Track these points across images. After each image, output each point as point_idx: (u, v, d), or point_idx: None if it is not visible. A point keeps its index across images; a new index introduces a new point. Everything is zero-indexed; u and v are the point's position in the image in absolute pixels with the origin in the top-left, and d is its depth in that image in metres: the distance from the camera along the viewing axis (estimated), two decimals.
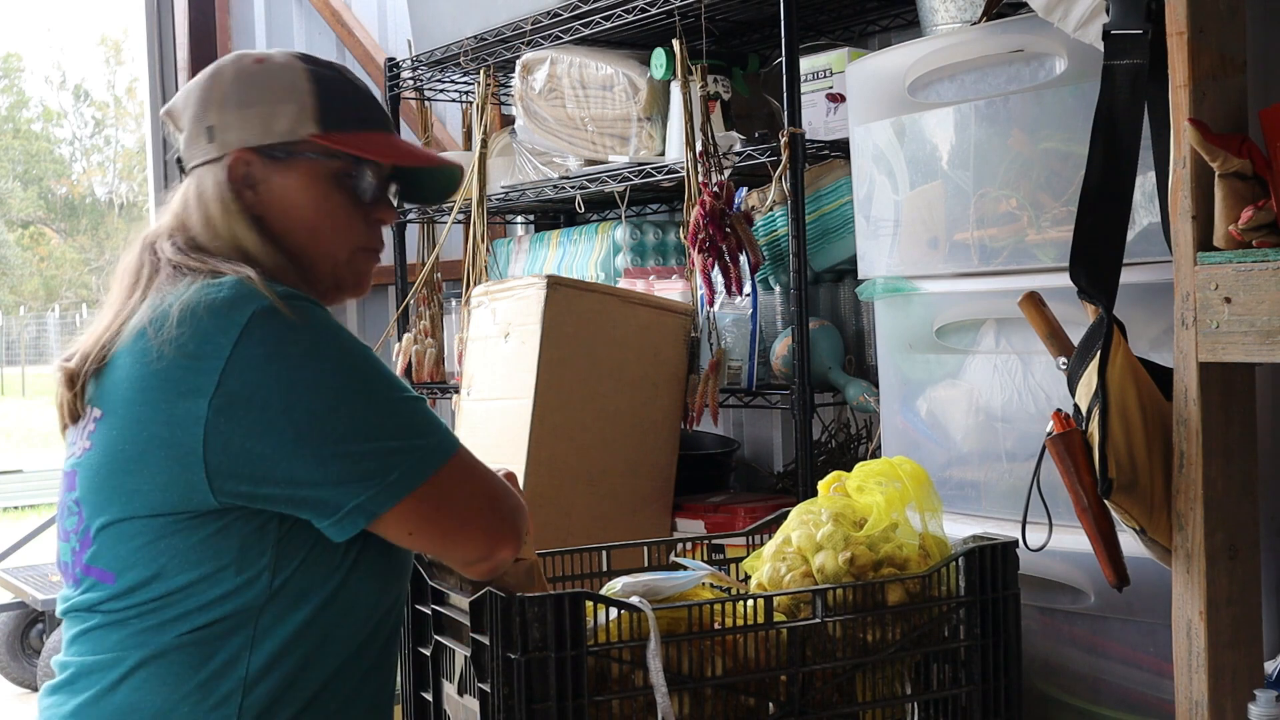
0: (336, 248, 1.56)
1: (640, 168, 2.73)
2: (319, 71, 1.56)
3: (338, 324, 1.46)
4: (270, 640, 1.42)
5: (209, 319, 1.39)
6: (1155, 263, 1.62)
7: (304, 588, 1.44)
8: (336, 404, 1.40)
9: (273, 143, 1.52)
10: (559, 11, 2.86)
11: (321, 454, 1.39)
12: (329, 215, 1.55)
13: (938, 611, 1.63)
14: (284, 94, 1.54)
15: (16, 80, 19.17)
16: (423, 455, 1.43)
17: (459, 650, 1.57)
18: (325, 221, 1.55)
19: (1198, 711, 1.47)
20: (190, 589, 1.42)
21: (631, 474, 2.57)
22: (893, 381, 2.13)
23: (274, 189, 1.53)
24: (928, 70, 1.95)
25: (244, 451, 1.38)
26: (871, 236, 2.12)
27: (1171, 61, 1.44)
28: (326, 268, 1.56)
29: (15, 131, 14.87)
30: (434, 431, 1.46)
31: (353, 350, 1.45)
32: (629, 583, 1.56)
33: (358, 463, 1.40)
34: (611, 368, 2.54)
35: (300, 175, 1.53)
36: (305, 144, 1.53)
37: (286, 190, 1.53)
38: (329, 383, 1.41)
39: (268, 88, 1.54)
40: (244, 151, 1.52)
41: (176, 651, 1.42)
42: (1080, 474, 1.50)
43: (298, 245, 1.54)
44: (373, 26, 4.46)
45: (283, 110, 1.53)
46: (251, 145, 1.52)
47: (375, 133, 1.57)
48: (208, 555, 1.42)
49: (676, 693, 1.49)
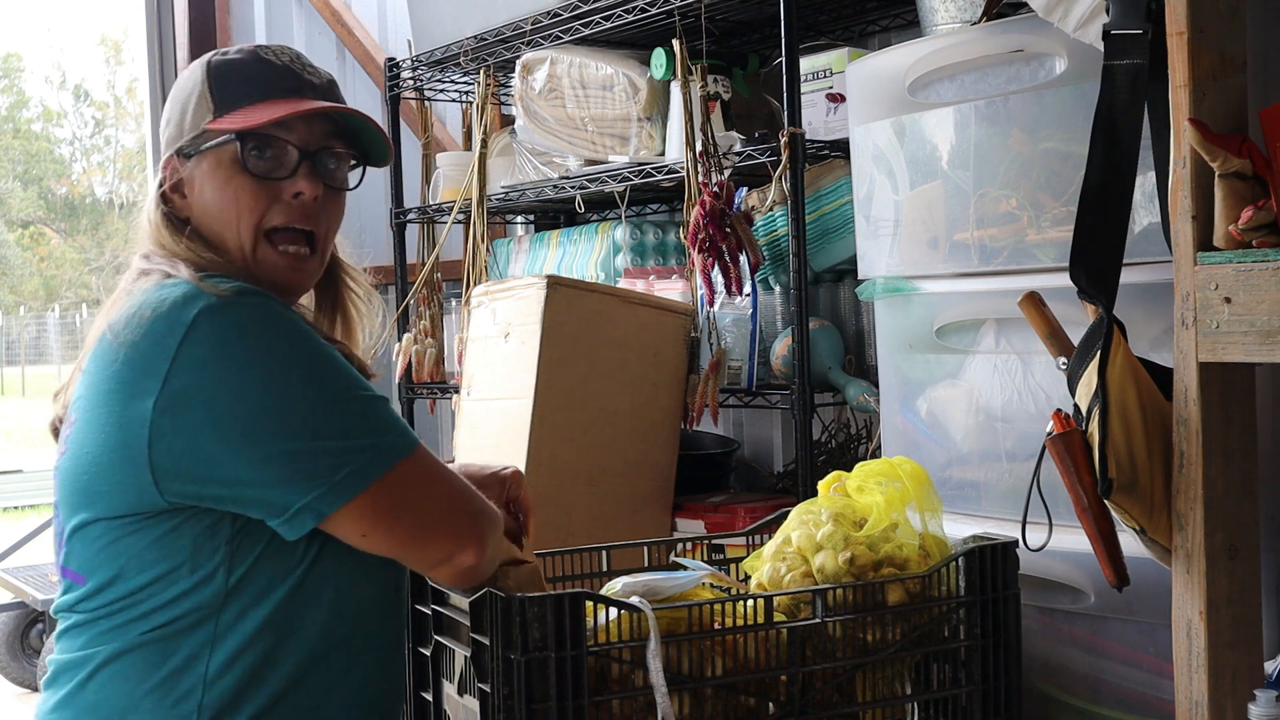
0: (242, 233, 1.51)
1: (640, 168, 2.73)
2: (222, 59, 1.55)
3: (293, 319, 1.44)
4: (231, 637, 1.42)
5: (157, 320, 1.39)
6: (1155, 263, 1.61)
7: (262, 585, 1.43)
8: (282, 402, 1.38)
9: (183, 142, 1.53)
10: (559, 11, 2.86)
11: (266, 453, 1.37)
12: (231, 200, 1.51)
13: (938, 611, 1.63)
14: (188, 92, 1.54)
15: (16, 80, 19.18)
16: (373, 455, 1.40)
17: (459, 650, 1.57)
18: (229, 208, 1.51)
19: (1198, 711, 1.47)
20: (149, 589, 1.43)
21: (631, 474, 2.57)
22: (893, 381, 2.13)
23: (193, 187, 1.53)
24: (928, 70, 1.95)
25: (189, 451, 1.38)
26: (871, 236, 2.12)
27: (1171, 61, 1.44)
28: (238, 256, 1.52)
29: (15, 131, 14.88)
30: (387, 430, 1.43)
31: (304, 347, 1.42)
32: (629, 583, 1.56)
33: (303, 462, 1.38)
34: (611, 368, 2.54)
35: (206, 166, 1.52)
36: (204, 134, 1.51)
37: (199, 184, 1.52)
38: (275, 381, 1.38)
39: (179, 92, 1.56)
40: (169, 159, 1.55)
41: (139, 649, 1.43)
42: (1080, 474, 1.50)
43: (214, 237, 1.52)
44: (373, 26, 4.46)
45: (190, 108, 1.53)
46: (173, 150, 1.54)
47: (272, 102, 1.51)
48: (163, 555, 1.43)
49: (676, 693, 1.49)
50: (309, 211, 1.53)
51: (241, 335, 1.38)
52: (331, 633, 1.48)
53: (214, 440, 1.37)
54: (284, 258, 1.53)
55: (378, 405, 1.44)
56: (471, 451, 2.67)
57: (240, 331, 1.39)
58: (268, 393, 1.38)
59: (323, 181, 1.54)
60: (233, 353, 1.38)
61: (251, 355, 1.38)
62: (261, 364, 1.38)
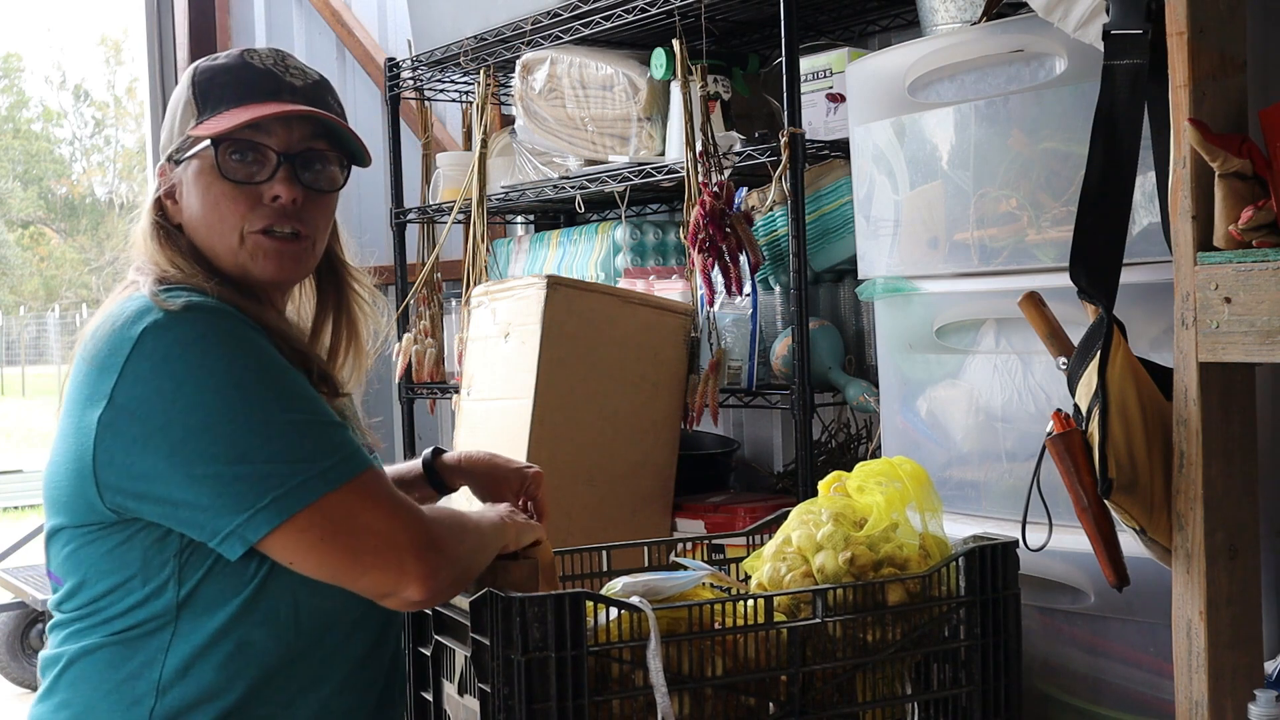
0: (227, 235, 1.51)
1: (640, 168, 2.73)
2: (209, 64, 1.56)
3: (241, 336, 1.41)
4: (183, 647, 1.43)
5: (111, 334, 1.40)
6: (1155, 263, 1.61)
7: (213, 598, 1.42)
8: (214, 422, 1.35)
9: (172, 149, 1.55)
10: (559, 11, 2.86)
11: (194, 474, 1.35)
12: (213, 206, 1.51)
13: (938, 611, 1.63)
14: (177, 98, 1.56)
15: (16, 80, 19.17)
16: (302, 482, 1.36)
17: (459, 650, 1.57)
18: (211, 213, 1.51)
19: (1198, 711, 1.47)
20: (108, 597, 1.44)
21: (631, 474, 2.57)
22: (893, 381, 2.13)
23: (182, 193, 1.55)
24: (928, 70, 1.95)
25: (125, 467, 1.37)
26: (871, 236, 2.12)
27: (1171, 61, 1.44)
28: (229, 259, 1.52)
29: (15, 131, 14.86)
30: (324, 456, 1.38)
31: (245, 365, 1.39)
32: (629, 583, 1.56)
33: (228, 485, 1.35)
34: (611, 368, 2.54)
35: (191, 172, 1.53)
36: (188, 140, 1.53)
37: (186, 190, 1.54)
38: (209, 400, 1.36)
39: (172, 99, 1.58)
40: (163, 166, 1.57)
41: (103, 650, 1.45)
42: (1080, 474, 1.50)
43: (204, 242, 1.53)
44: (373, 26, 4.46)
45: (178, 114, 1.55)
46: (165, 157, 1.56)
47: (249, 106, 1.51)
48: (116, 566, 1.44)
49: (676, 693, 1.49)
50: (289, 214, 1.52)
51: (182, 352, 1.37)
52: (290, 647, 1.46)
53: (146, 458, 1.36)
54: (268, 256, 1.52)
55: (317, 429, 1.40)
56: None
57: (182, 348, 1.37)
58: (196, 412, 1.35)
59: (303, 184, 1.53)
60: (171, 370, 1.36)
61: (188, 373, 1.36)
62: (196, 382, 1.36)
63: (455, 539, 1.45)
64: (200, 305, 1.42)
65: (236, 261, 1.52)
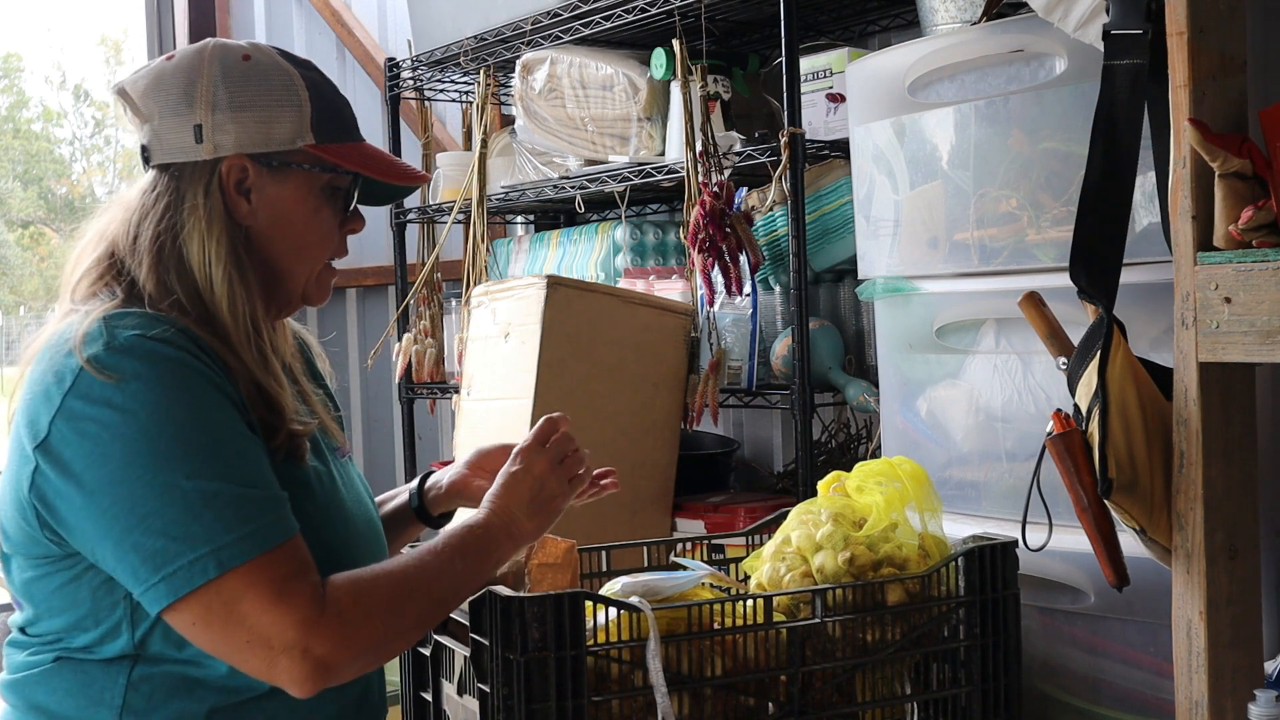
0: (315, 262, 1.52)
1: (640, 168, 2.73)
2: (310, 76, 1.51)
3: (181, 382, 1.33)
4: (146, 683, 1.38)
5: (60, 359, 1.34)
6: (1155, 263, 1.61)
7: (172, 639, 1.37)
8: (121, 479, 1.29)
9: (271, 151, 1.47)
10: (559, 11, 2.86)
11: (101, 530, 1.30)
12: (316, 229, 1.51)
13: (937, 611, 1.63)
14: (281, 98, 1.47)
15: (16, 80, 19.18)
16: (193, 562, 1.28)
17: (459, 650, 1.57)
18: (312, 236, 1.51)
19: (1198, 711, 1.47)
20: (65, 633, 1.40)
21: (631, 474, 2.56)
22: (893, 381, 2.13)
23: (268, 200, 1.48)
24: (928, 70, 1.95)
25: (53, 509, 1.34)
26: (871, 236, 2.12)
27: (1171, 61, 1.44)
28: (299, 282, 1.52)
29: (15, 131, 14.83)
30: (222, 532, 1.29)
31: (170, 418, 1.31)
32: (629, 583, 1.56)
33: (127, 553, 1.30)
34: (611, 368, 2.53)
35: (295, 187, 1.49)
36: (301, 154, 1.48)
37: (281, 202, 1.48)
38: (122, 454, 1.29)
39: (264, 90, 1.47)
40: (240, 158, 1.46)
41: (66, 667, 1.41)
42: (1080, 474, 1.50)
43: (280, 258, 1.50)
44: (373, 26, 4.46)
45: (282, 116, 1.47)
46: (249, 152, 1.46)
47: (359, 143, 1.54)
48: (68, 604, 1.39)
49: (676, 693, 1.49)
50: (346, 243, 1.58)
51: (112, 395, 1.30)
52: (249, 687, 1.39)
53: (66, 504, 1.32)
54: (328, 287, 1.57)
55: (222, 501, 1.30)
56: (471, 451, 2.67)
57: (113, 391, 1.30)
58: (108, 465, 1.29)
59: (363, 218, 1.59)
60: (97, 414, 1.30)
61: (112, 420, 1.30)
62: (115, 432, 1.29)
63: (376, 621, 1.35)
64: (147, 341, 1.34)
65: (302, 287, 1.53)
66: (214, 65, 1.47)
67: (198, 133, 1.44)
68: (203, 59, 1.47)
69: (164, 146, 1.46)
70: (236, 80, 1.46)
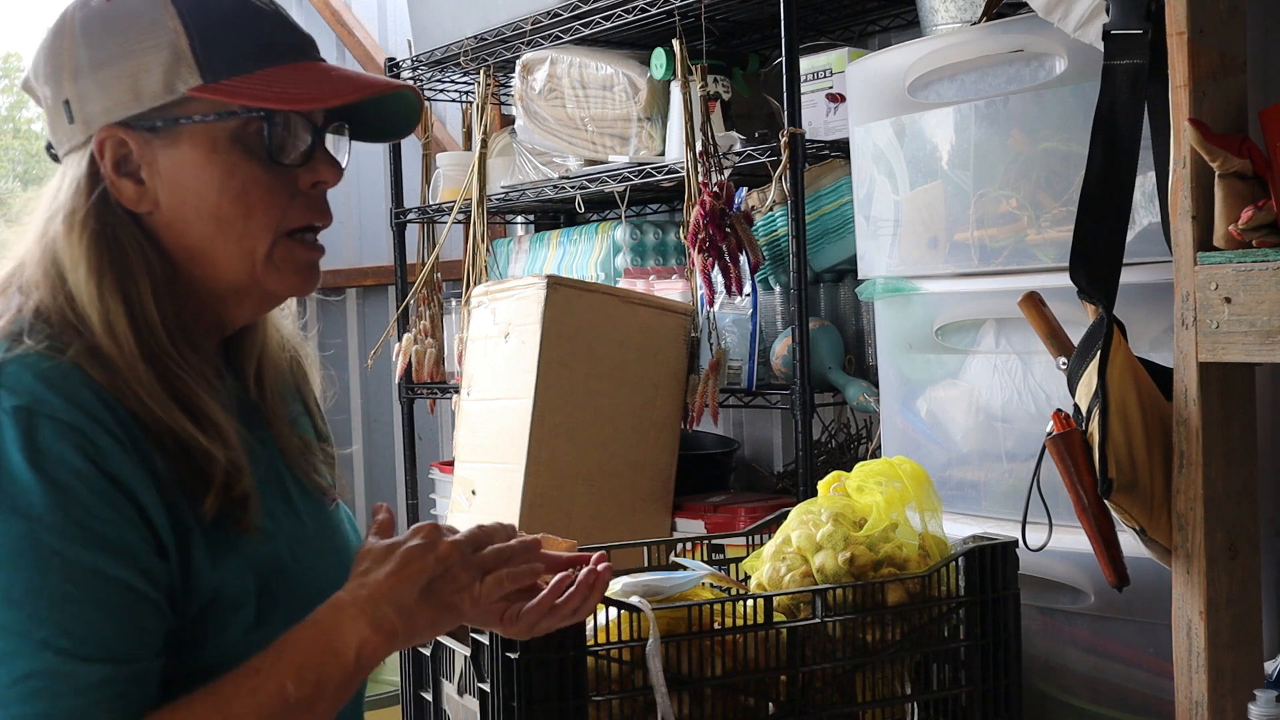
0: (253, 237, 1.15)
1: (640, 168, 2.73)
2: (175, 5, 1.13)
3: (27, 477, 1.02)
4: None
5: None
6: (1155, 263, 1.61)
7: None
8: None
9: (144, 110, 1.13)
10: (559, 11, 2.86)
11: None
12: (238, 195, 1.14)
13: (937, 611, 1.63)
14: (146, 38, 1.12)
15: (17, 80, 19.17)
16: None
17: (459, 650, 1.57)
18: (233, 204, 1.14)
19: (1198, 711, 1.47)
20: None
21: (631, 474, 2.56)
22: (893, 381, 2.13)
23: (163, 173, 1.14)
24: (928, 70, 1.95)
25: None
26: (871, 236, 2.12)
27: (1171, 61, 1.44)
28: (243, 269, 1.17)
29: (15, 131, 14.75)
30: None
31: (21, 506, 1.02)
32: (629, 583, 1.56)
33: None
34: (611, 368, 2.54)
35: (191, 147, 1.13)
36: (191, 104, 1.13)
37: (179, 170, 1.14)
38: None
39: (125, 35, 1.12)
40: (110, 129, 1.13)
41: None
42: (1080, 474, 1.50)
43: (198, 244, 1.16)
44: (373, 26, 4.46)
45: (150, 62, 1.12)
46: (120, 119, 1.13)
47: (283, 66, 1.15)
48: None
49: (676, 693, 1.49)
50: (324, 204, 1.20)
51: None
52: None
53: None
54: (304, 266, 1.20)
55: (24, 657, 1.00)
56: (471, 451, 2.67)
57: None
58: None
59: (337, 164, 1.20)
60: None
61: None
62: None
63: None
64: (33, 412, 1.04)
65: (247, 275, 1.17)
66: (74, 22, 1.15)
67: (68, 109, 1.14)
68: (64, 18, 1.16)
69: (55, 135, 1.18)
70: (96, 32, 1.13)
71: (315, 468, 1.29)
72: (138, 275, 1.14)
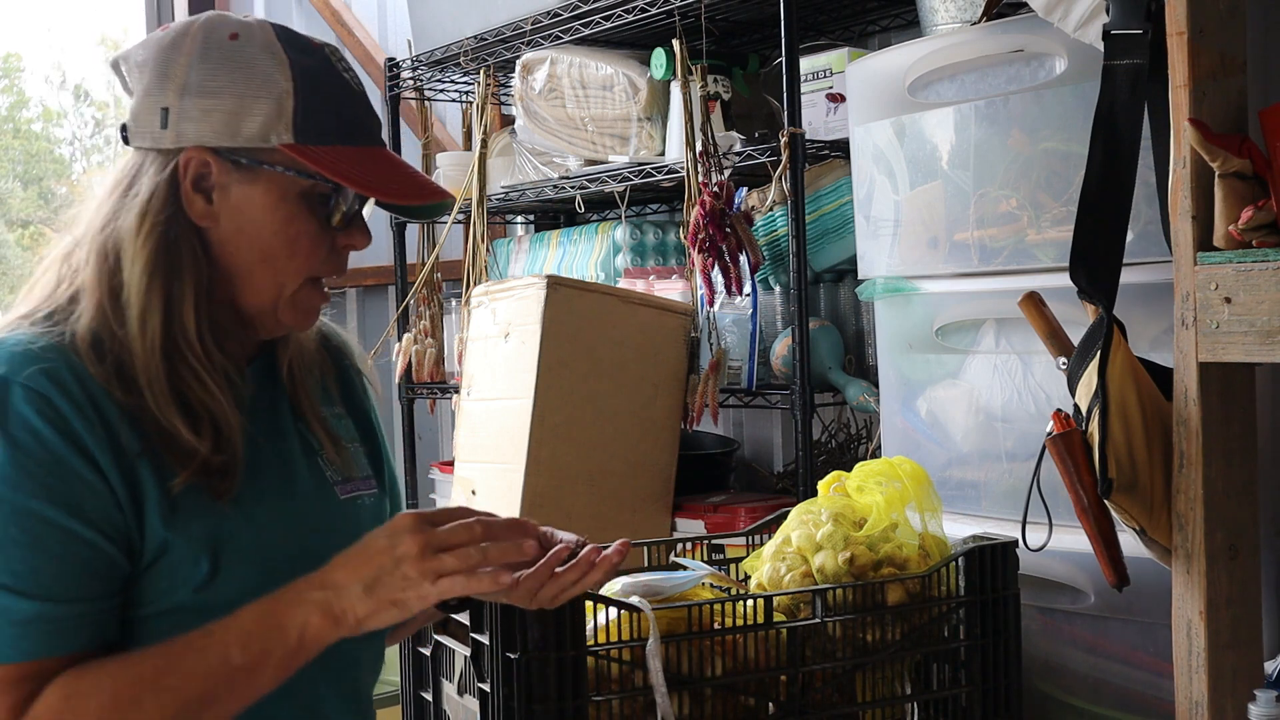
0: (288, 277, 1.32)
1: (640, 168, 2.73)
2: (302, 61, 1.30)
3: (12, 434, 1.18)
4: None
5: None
6: (1155, 263, 1.61)
7: None
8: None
9: (237, 146, 1.28)
10: (559, 11, 2.86)
11: None
12: (289, 241, 1.30)
13: (937, 611, 1.63)
14: (258, 87, 1.27)
15: (16, 80, 19.15)
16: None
17: (459, 650, 1.57)
18: (283, 248, 1.30)
19: (1198, 711, 1.47)
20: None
21: (631, 474, 2.56)
22: (893, 381, 2.13)
23: (232, 201, 1.29)
24: (928, 70, 1.95)
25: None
26: (871, 236, 2.12)
27: (1171, 61, 1.44)
28: (268, 298, 1.33)
29: (15, 131, 14.81)
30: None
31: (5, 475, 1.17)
32: (629, 583, 1.56)
33: None
34: (611, 368, 2.54)
35: (265, 190, 1.29)
36: (276, 154, 1.28)
37: (248, 205, 1.29)
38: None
39: (240, 76, 1.27)
40: (200, 150, 1.28)
41: None
42: (1080, 474, 1.50)
43: (241, 269, 1.31)
44: (373, 26, 4.46)
45: (255, 108, 1.27)
46: (213, 145, 1.28)
47: (360, 147, 1.32)
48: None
49: (676, 693, 1.49)
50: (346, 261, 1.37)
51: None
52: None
53: None
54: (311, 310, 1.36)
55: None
56: (471, 451, 2.67)
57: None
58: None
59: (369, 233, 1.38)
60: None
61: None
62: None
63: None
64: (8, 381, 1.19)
65: (270, 304, 1.33)
66: (195, 41, 1.29)
67: (164, 117, 1.27)
68: (188, 34, 1.30)
69: (138, 127, 1.30)
70: (214, 61, 1.28)
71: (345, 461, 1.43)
72: (186, 278, 1.29)
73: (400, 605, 1.21)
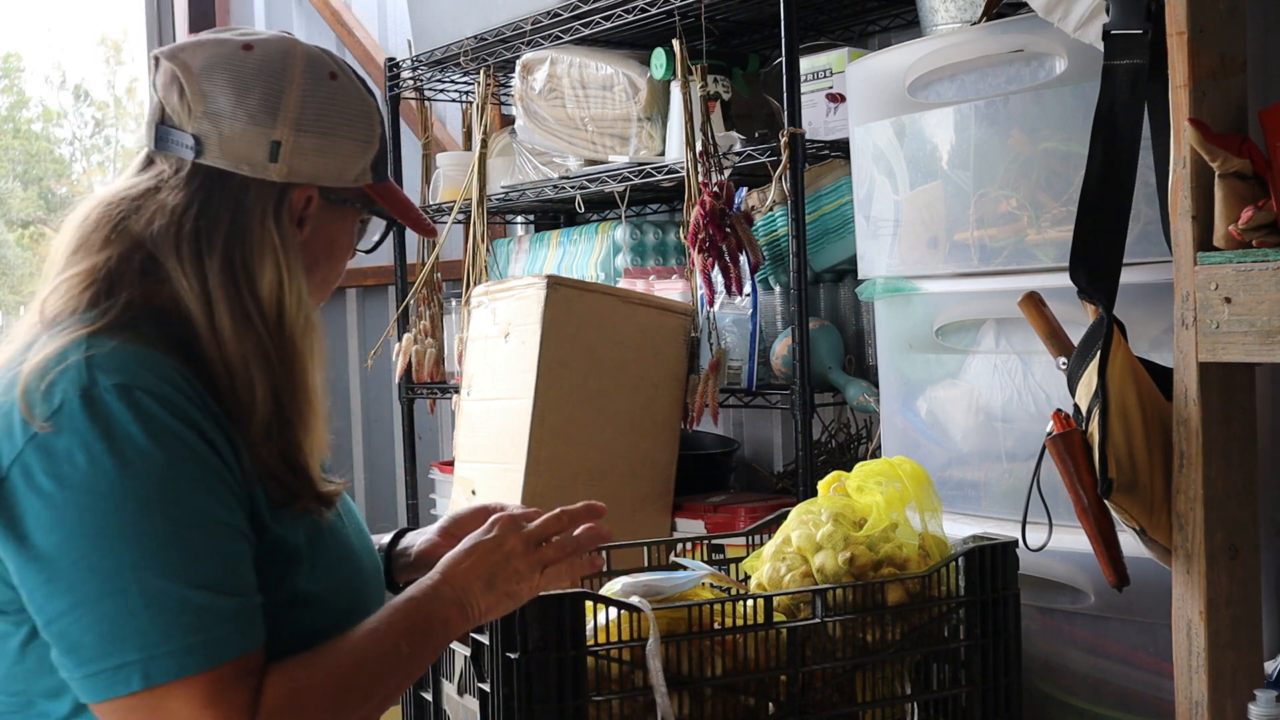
0: (319, 297, 1.39)
1: (640, 168, 2.73)
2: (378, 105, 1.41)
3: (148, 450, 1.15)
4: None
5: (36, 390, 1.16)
6: (1155, 263, 1.62)
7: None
8: (66, 552, 1.13)
9: (338, 186, 1.35)
10: (559, 11, 2.86)
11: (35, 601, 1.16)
12: (339, 264, 1.40)
13: (937, 611, 1.63)
14: (362, 131, 1.35)
15: (16, 80, 19.15)
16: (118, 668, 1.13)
17: (459, 650, 1.57)
18: (339, 272, 1.41)
19: (1198, 711, 1.47)
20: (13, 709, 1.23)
21: (631, 474, 2.56)
22: (893, 381, 2.13)
23: (320, 232, 1.36)
24: (928, 70, 1.95)
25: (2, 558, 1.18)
26: (871, 236, 2.12)
27: (1171, 61, 1.44)
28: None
29: (15, 131, 14.79)
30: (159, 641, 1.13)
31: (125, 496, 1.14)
32: (629, 583, 1.56)
33: (56, 638, 1.15)
34: (611, 368, 2.54)
35: (344, 224, 1.39)
36: (357, 192, 1.38)
37: (331, 236, 1.37)
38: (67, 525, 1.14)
39: (346, 119, 1.34)
40: (312, 189, 1.33)
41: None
42: (1080, 474, 1.50)
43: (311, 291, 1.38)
44: (373, 26, 4.46)
45: (357, 151, 1.35)
46: (320, 184, 1.33)
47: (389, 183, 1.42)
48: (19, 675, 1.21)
49: (676, 693, 1.49)
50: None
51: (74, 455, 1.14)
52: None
53: (13, 559, 1.16)
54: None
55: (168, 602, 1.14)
56: (471, 451, 2.67)
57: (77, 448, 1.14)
58: (55, 533, 1.14)
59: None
60: (57, 472, 1.14)
61: (70, 484, 1.14)
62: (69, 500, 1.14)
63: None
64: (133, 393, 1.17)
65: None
66: (306, 77, 1.32)
67: (274, 150, 1.29)
68: (292, 64, 1.32)
69: (227, 150, 1.28)
70: (324, 101, 1.32)
71: None
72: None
73: (514, 597, 1.36)
